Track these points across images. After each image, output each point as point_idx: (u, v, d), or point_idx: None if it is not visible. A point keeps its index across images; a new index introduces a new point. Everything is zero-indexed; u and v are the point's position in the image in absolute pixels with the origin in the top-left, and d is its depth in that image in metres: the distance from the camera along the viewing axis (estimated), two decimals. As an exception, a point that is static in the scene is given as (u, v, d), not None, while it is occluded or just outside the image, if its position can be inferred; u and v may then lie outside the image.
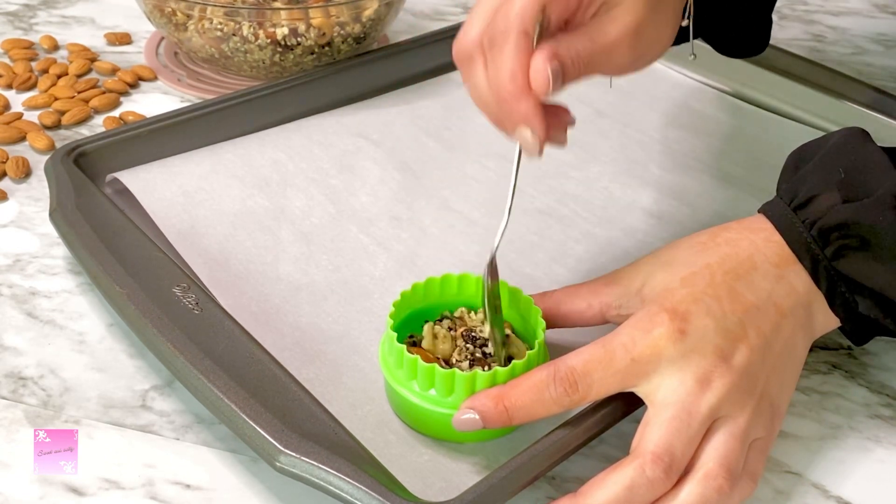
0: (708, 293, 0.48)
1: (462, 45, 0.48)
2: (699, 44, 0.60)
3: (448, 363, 0.50)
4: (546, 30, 0.47)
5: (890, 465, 0.52)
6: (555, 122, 0.48)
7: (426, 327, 0.51)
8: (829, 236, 0.49)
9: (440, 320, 0.52)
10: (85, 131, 0.75)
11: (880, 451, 0.53)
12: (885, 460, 0.52)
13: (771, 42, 0.83)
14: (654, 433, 0.46)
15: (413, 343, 0.51)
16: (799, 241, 0.50)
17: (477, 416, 0.46)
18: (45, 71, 0.81)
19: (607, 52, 0.48)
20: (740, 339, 0.48)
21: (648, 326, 0.47)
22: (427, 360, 0.49)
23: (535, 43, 0.46)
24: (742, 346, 0.48)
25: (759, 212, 0.53)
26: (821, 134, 0.74)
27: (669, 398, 0.46)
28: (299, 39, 0.76)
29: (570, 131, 0.49)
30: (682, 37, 0.55)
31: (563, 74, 0.46)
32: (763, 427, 0.48)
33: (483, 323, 0.51)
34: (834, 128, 0.75)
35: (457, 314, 0.53)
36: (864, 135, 0.52)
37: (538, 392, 0.46)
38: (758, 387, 0.48)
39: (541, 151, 0.46)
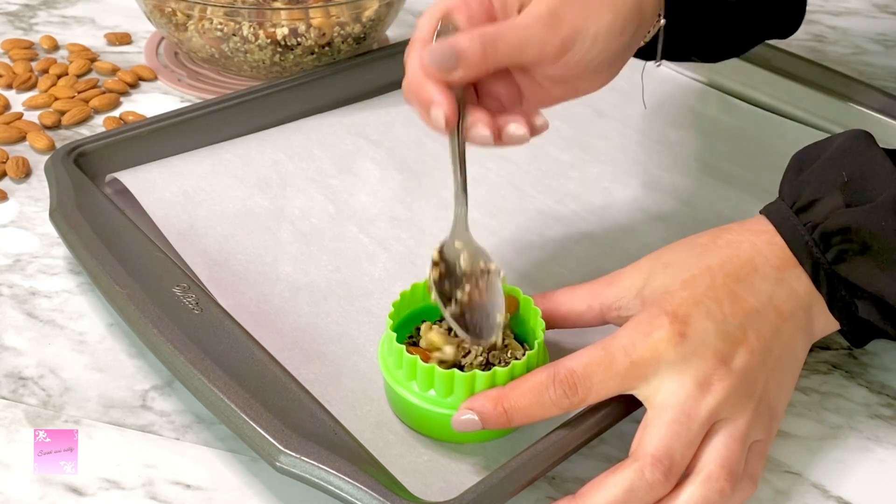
0: (708, 296, 0.48)
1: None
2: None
3: (459, 366, 0.50)
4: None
5: (890, 465, 0.52)
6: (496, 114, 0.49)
7: (423, 326, 0.51)
8: (830, 240, 0.49)
9: (440, 320, 0.52)
10: (85, 131, 0.75)
11: (880, 451, 0.53)
12: (885, 460, 0.52)
13: (771, 42, 0.83)
14: (653, 436, 0.46)
15: (412, 343, 0.51)
16: (800, 245, 0.50)
17: (476, 417, 0.46)
18: (45, 71, 0.81)
19: (517, 32, 0.48)
20: (740, 343, 0.48)
21: (648, 329, 0.47)
22: (425, 359, 0.49)
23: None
24: (742, 350, 0.48)
25: (760, 213, 0.53)
26: (821, 134, 0.74)
27: (669, 401, 0.46)
28: (299, 39, 0.76)
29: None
30: (676, 55, 0.55)
31: (464, 54, 0.47)
32: (762, 429, 0.48)
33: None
34: (834, 128, 0.75)
35: None
36: (868, 138, 0.52)
37: (537, 394, 0.46)
38: (757, 389, 0.48)
39: (448, 127, 0.48)
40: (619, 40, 0.50)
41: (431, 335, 0.50)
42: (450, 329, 0.51)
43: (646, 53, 0.57)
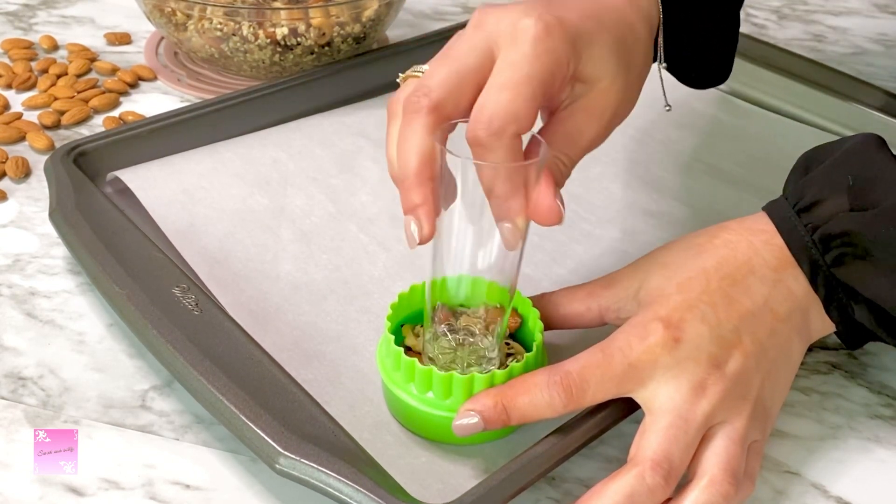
0: (703, 300, 0.48)
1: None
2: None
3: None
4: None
5: (890, 464, 0.52)
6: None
7: (404, 328, 0.52)
8: (830, 243, 0.49)
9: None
10: (85, 131, 0.75)
11: (880, 451, 0.53)
12: (885, 460, 0.52)
13: (771, 42, 0.84)
14: (651, 440, 0.46)
15: (410, 347, 0.51)
16: (800, 245, 0.50)
17: (476, 420, 0.46)
18: (45, 71, 0.81)
19: (589, 148, 0.49)
20: (735, 346, 0.48)
21: (643, 333, 0.47)
22: (413, 357, 0.49)
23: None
24: (736, 353, 0.48)
25: (762, 210, 0.52)
26: (821, 133, 0.74)
27: (666, 405, 0.46)
28: (299, 39, 0.76)
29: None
30: None
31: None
32: (758, 430, 0.48)
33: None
34: (834, 127, 0.75)
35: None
36: (879, 142, 0.52)
37: (536, 395, 0.46)
38: (752, 392, 0.48)
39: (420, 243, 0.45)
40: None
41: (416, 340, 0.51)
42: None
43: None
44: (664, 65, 0.56)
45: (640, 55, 0.51)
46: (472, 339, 0.49)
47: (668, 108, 0.59)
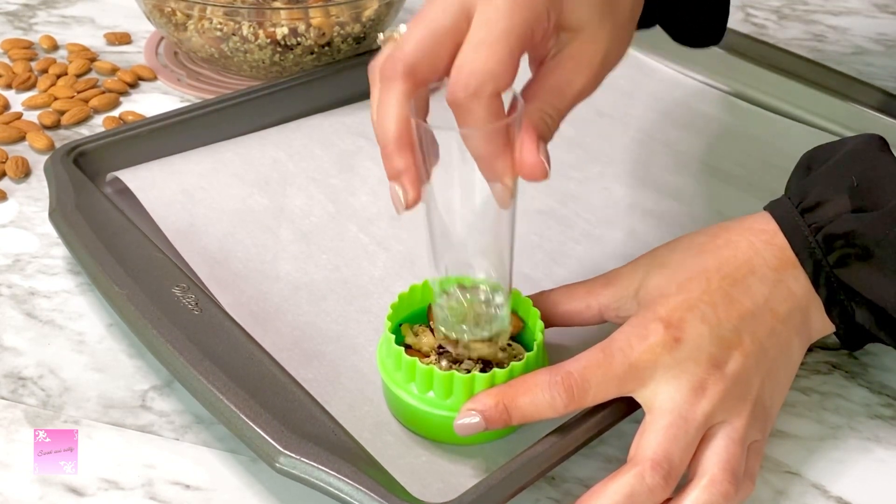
0: (703, 300, 0.48)
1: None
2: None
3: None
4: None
5: (890, 464, 0.52)
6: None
7: (403, 328, 0.51)
8: (833, 243, 0.49)
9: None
10: (84, 131, 0.75)
11: (880, 451, 0.53)
12: (885, 460, 0.52)
13: (771, 42, 0.84)
14: (651, 440, 0.46)
15: (410, 346, 0.51)
16: (803, 245, 0.50)
17: (477, 420, 0.46)
18: (45, 71, 0.81)
19: (578, 97, 0.47)
20: (735, 346, 0.48)
21: (644, 333, 0.47)
22: (413, 356, 0.49)
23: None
24: (736, 353, 0.48)
25: (764, 209, 0.52)
26: (821, 133, 0.74)
27: (666, 405, 0.46)
28: (299, 39, 0.76)
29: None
30: (643, 22, 0.54)
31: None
32: (758, 430, 0.48)
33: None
34: (834, 127, 0.75)
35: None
36: (882, 143, 0.52)
37: (537, 395, 0.46)
38: (752, 392, 0.48)
39: (409, 208, 0.45)
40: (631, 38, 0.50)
41: (424, 339, 0.51)
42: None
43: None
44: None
45: None
46: (481, 296, 0.49)
47: None
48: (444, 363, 0.50)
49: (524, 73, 0.46)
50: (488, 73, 0.42)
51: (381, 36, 0.48)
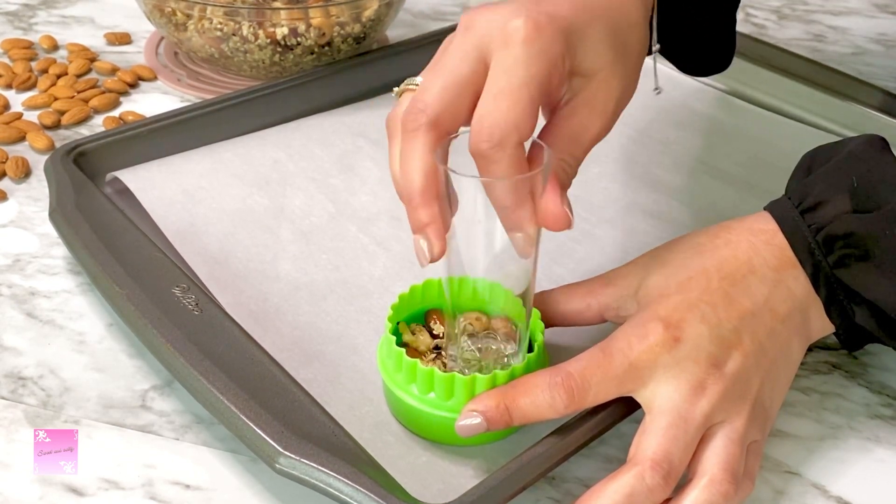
0: (703, 300, 0.48)
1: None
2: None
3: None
4: None
5: (890, 464, 0.52)
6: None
7: (401, 325, 0.52)
8: (833, 244, 0.49)
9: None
10: (84, 131, 0.75)
11: (880, 451, 0.53)
12: (885, 460, 0.52)
13: (771, 42, 0.84)
14: (651, 440, 0.46)
15: (407, 344, 0.51)
16: (803, 245, 0.50)
17: (479, 420, 0.46)
18: (45, 71, 0.81)
19: (594, 142, 0.48)
20: (734, 346, 0.48)
21: (643, 333, 0.47)
22: (413, 355, 0.49)
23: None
24: (736, 353, 0.48)
25: (765, 209, 0.52)
26: (821, 133, 0.74)
27: (665, 405, 0.46)
28: (299, 39, 0.76)
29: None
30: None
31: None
32: (758, 430, 0.48)
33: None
34: (834, 127, 0.75)
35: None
36: (882, 144, 0.52)
37: (538, 396, 0.46)
38: (751, 392, 0.48)
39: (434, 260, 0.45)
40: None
41: (422, 337, 0.51)
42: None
43: None
44: (657, 46, 0.55)
45: (637, 39, 0.49)
46: (493, 347, 0.49)
47: (657, 90, 0.57)
48: (440, 362, 0.50)
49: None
50: (511, 124, 0.42)
51: (396, 89, 0.48)
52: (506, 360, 0.49)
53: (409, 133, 0.44)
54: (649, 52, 0.54)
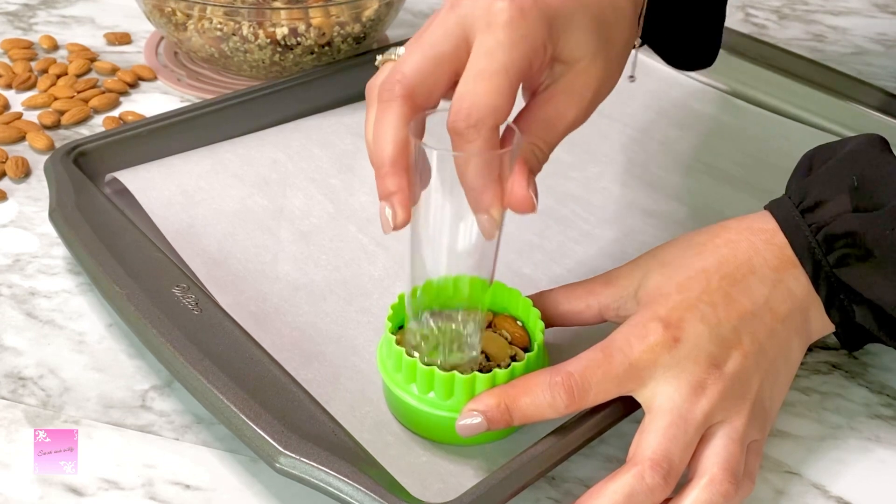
0: (703, 300, 0.48)
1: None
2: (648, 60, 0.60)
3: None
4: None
5: (890, 465, 0.52)
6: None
7: (398, 338, 0.51)
8: (833, 244, 0.49)
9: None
10: (84, 131, 0.75)
11: (880, 451, 0.53)
12: (885, 460, 0.52)
13: (771, 42, 0.84)
14: (651, 440, 0.46)
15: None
16: (803, 245, 0.50)
17: (479, 420, 0.46)
18: (45, 71, 0.81)
19: (568, 130, 0.48)
20: (734, 346, 0.48)
21: (643, 333, 0.47)
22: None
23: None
24: (735, 353, 0.48)
25: (765, 208, 0.52)
26: (821, 133, 0.74)
27: (665, 405, 0.46)
28: (299, 39, 0.76)
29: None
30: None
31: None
32: (758, 429, 0.48)
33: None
34: (834, 127, 0.75)
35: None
36: (882, 143, 0.52)
37: (538, 395, 0.46)
38: (751, 392, 0.48)
39: (398, 228, 0.45)
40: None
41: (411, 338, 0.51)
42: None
43: None
44: (638, 41, 0.55)
45: (622, 32, 0.49)
46: (452, 326, 0.49)
47: (632, 78, 0.57)
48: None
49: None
50: (489, 107, 0.43)
51: (378, 57, 0.48)
52: (466, 340, 0.49)
53: (383, 102, 0.45)
54: (637, 35, 0.54)
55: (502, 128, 0.45)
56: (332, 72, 0.76)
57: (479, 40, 0.44)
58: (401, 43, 0.47)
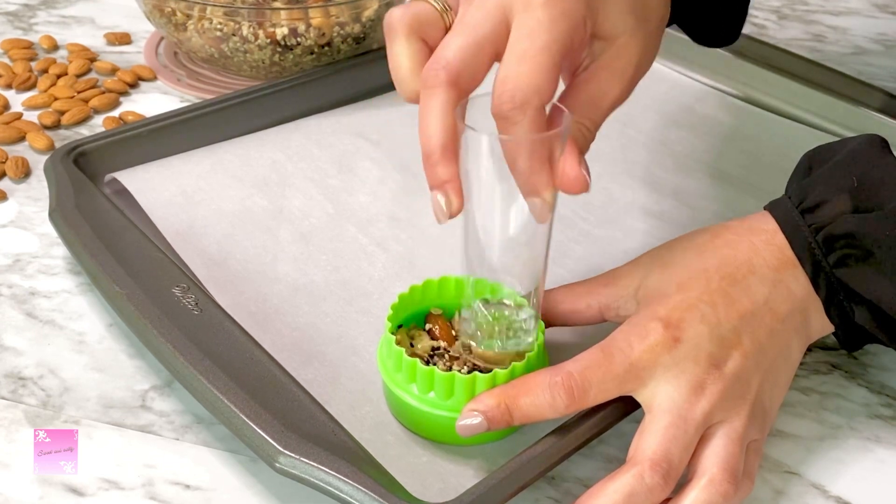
0: (703, 300, 0.48)
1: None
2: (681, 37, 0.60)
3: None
4: None
5: (890, 465, 0.52)
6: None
7: (398, 338, 0.51)
8: (833, 244, 0.49)
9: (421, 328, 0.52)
10: (84, 131, 0.75)
11: (880, 451, 0.53)
12: (885, 460, 0.52)
13: (771, 42, 0.84)
14: (651, 440, 0.46)
15: (410, 346, 0.51)
16: (803, 245, 0.50)
17: (479, 420, 0.46)
18: (45, 71, 0.81)
19: (612, 107, 0.48)
20: (734, 346, 0.48)
21: (643, 333, 0.47)
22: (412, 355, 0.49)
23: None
24: (735, 353, 0.48)
25: (765, 209, 0.52)
26: (821, 133, 0.74)
27: (665, 405, 0.46)
28: (299, 39, 0.76)
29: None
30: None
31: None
32: (757, 429, 0.48)
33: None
34: (834, 128, 0.75)
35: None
36: (883, 144, 0.52)
37: (538, 395, 0.46)
38: (751, 392, 0.48)
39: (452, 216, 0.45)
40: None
41: (419, 345, 0.51)
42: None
43: None
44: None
45: (657, 8, 0.49)
46: (506, 313, 0.49)
47: None
48: (441, 364, 0.50)
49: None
50: (533, 87, 0.42)
51: None
52: (521, 326, 0.49)
53: (428, 89, 0.44)
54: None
55: (548, 109, 0.44)
56: (331, 72, 0.76)
57: (518, 20, 0.43)
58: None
